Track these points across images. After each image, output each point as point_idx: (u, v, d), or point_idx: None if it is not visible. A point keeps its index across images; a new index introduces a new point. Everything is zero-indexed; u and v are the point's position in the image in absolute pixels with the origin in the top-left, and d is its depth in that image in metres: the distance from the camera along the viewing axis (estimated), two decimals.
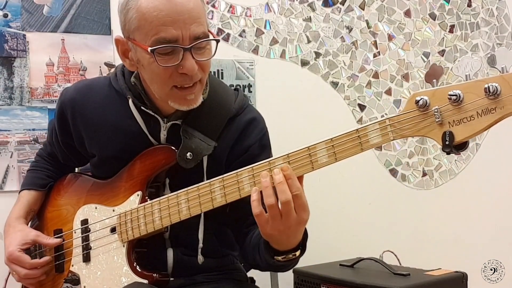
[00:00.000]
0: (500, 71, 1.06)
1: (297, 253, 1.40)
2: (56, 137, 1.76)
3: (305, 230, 1.39)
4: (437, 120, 1.13)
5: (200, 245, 1.61)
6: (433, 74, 2.91)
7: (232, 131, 1.62)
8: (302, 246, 1.41)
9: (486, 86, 1.05)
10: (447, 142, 1.10)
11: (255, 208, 1.31)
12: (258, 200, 1.31)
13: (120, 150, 1.62)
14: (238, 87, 2.54)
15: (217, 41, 1.48)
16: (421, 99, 1.14)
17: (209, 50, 1.48)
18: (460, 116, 1.10)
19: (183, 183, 1.50)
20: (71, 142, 1.72)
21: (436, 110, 1.13)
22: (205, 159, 1.58)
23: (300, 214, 1.30)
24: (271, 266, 1.46)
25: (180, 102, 1.50)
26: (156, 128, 1.59)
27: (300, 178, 1.31)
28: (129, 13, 1.44)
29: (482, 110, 1.07)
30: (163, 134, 1.59)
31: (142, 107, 1.58)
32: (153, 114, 1.58)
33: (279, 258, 1.40)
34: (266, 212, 1.31)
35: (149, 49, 1.41)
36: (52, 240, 1.70)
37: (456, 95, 1.09)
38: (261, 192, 1.31)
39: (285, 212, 1.29)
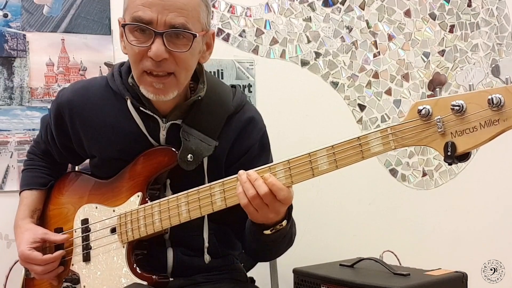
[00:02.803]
0: (503, 82, 1.05)
1: (284, 223, 1.43)
2: (53, 138, 1.75)
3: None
4: (439, 130, 1.12)
5: (206, 244, 1.62)
6: (436, 83, 2.91)
7: (231, 129, 1.62)
8: (288, 216, 1.44)
9: (490, 97, 1.04)
10: (449, 153, 1.09)
11: (242, 199, 1.36)
12: (243, 192, 1.36)
13: (120, 151, 1.62)
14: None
15: (194, 36, 1.45)
16: (423, 108, 1.13)
17: (186, 45, 1.45)
18: (462, 127, 1.09)
19: (184, 184, 1.50)
20: (69, 144, 1.71)
21: (438, 120, 1.12)
22: (205, 159, 1.58)
23: (285, 201, 1.36)
24: (262, 243, 1.50)
25: (147, 88, 1.50)
26: (155, 129, 1.59)
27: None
28: None
29: (485, 121, 1.06)
30: (162, 135, 1.59)
31: (141, 108, 1.57)
32: (151, 114, 1.57)
33: (268, 231, 1.43)
34: None
35: (121, 23, 1.45)
36: (60, 237, 1.68)
37: (459, 106, 1.08)
38: None
39: (269, 201, 1.34)
